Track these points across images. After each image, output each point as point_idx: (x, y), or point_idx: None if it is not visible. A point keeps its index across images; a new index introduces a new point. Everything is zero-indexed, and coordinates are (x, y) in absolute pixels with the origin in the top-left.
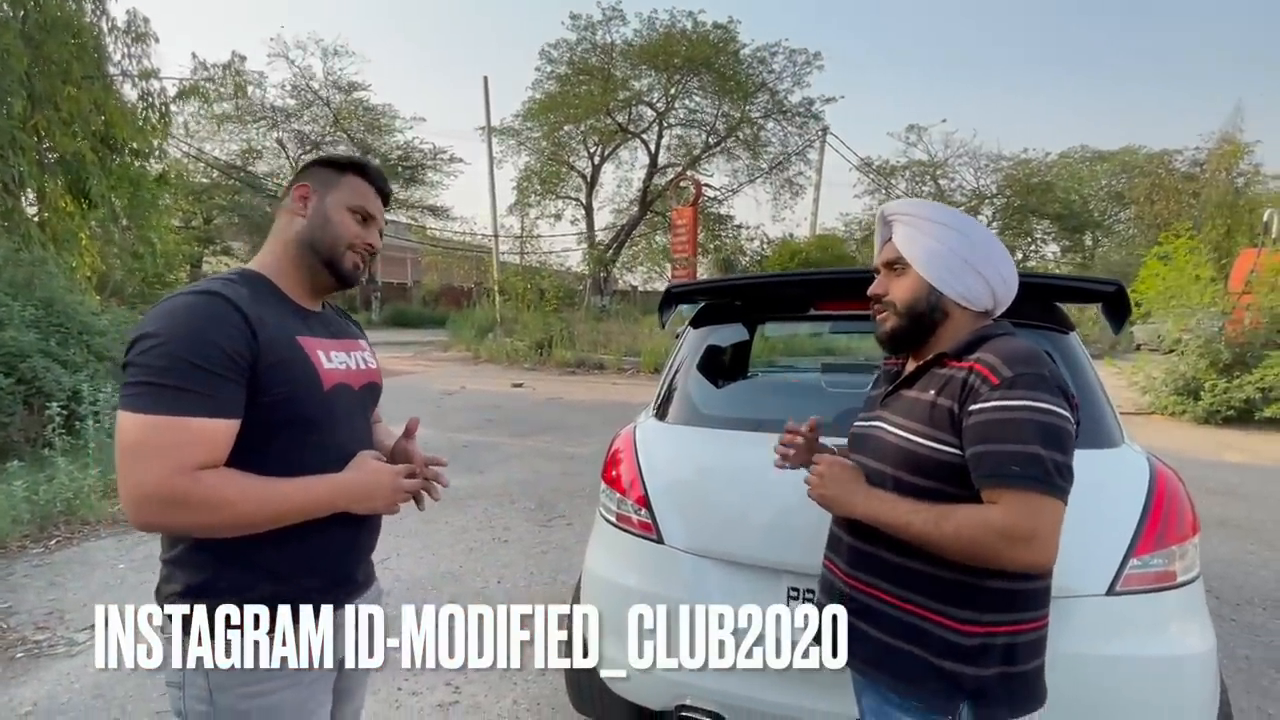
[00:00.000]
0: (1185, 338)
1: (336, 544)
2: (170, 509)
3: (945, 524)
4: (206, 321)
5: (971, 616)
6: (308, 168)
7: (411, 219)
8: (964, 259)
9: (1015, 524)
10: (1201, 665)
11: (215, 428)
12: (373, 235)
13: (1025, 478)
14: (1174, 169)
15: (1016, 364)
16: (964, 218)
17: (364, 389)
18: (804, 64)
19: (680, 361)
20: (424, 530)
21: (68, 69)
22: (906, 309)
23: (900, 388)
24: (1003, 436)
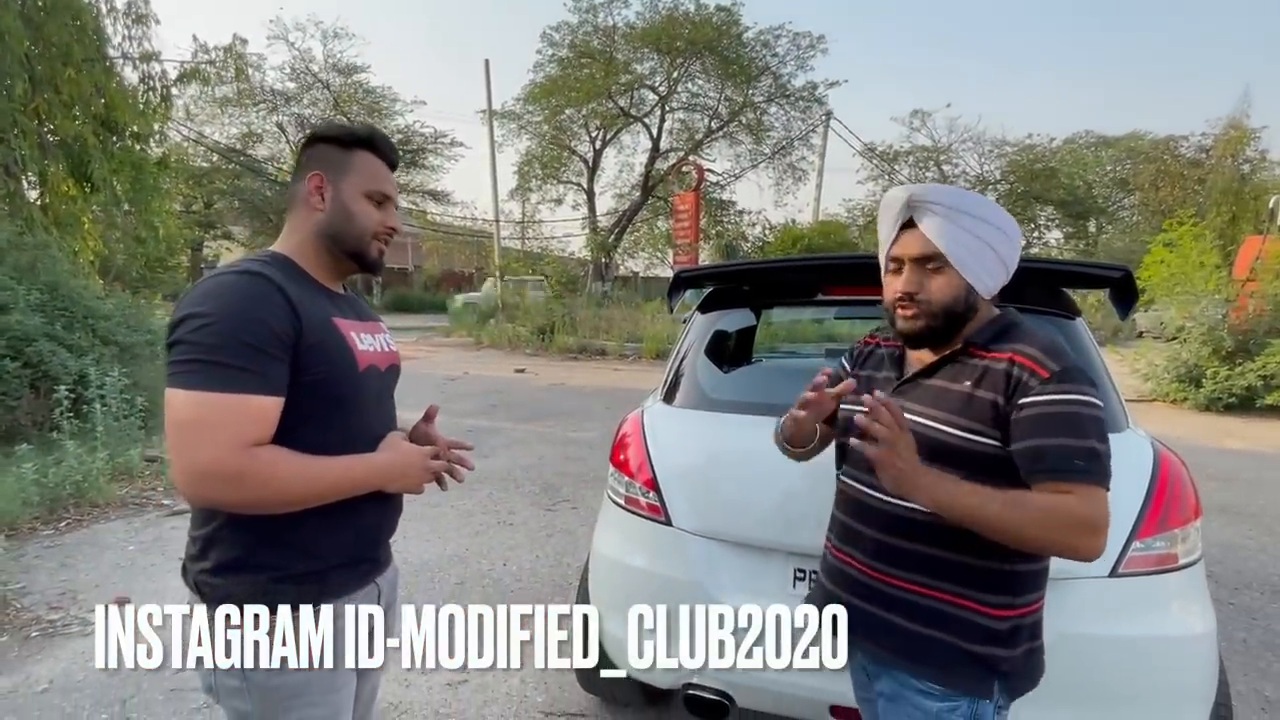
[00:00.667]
0: (1188, 325)
1: (367, 522)
2: (228, 485)
3: (1026, 509)
4: (254, 300)
5: (1005, 601)
6: (314, 144)
7: (412, 204)
8: (1000, 257)
9: (1090, 516)
10: (1202, 646)
11: (266, 405)
12: (391, 217)
13: (1089, 472)
14: (1180, 155)
15: (1058, 357)
16: (999, 211)
17: (389, 370)
18: (808, 47)
19: (688, 346)
20: (430, 514)
21: (68, 51)
22: (944, 310)
23: (919, 376)
24: (1061, 431)
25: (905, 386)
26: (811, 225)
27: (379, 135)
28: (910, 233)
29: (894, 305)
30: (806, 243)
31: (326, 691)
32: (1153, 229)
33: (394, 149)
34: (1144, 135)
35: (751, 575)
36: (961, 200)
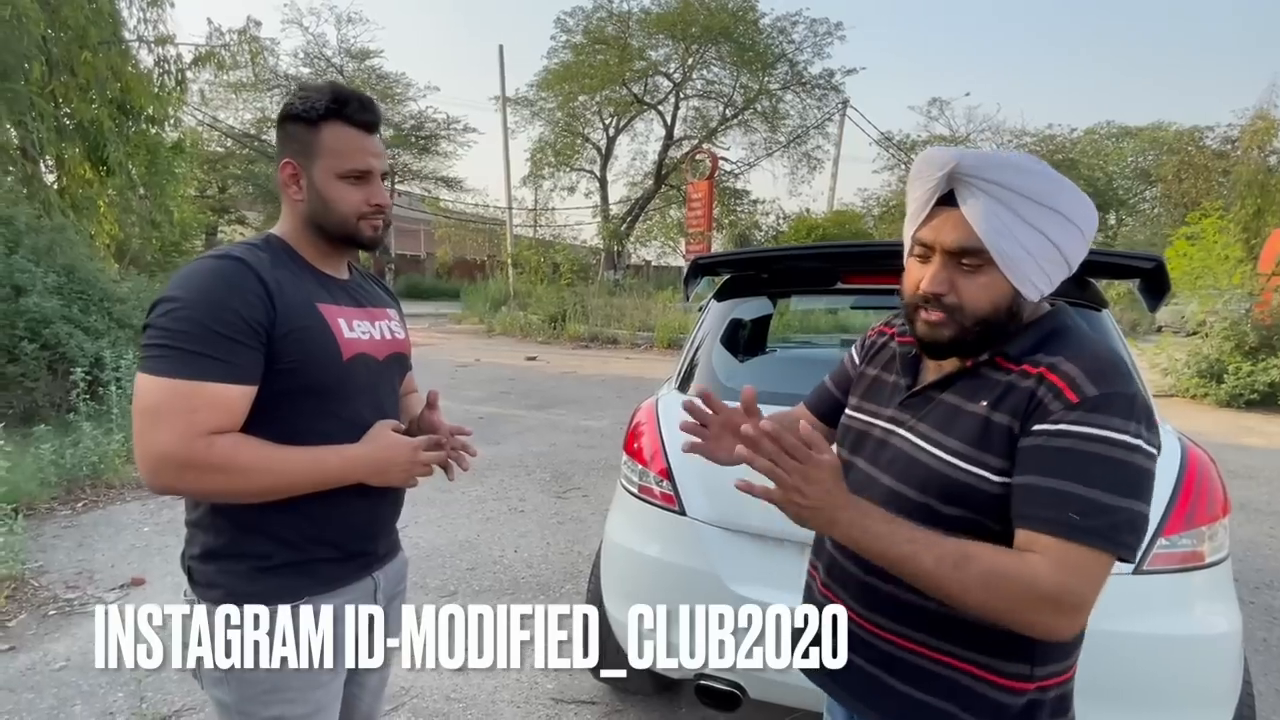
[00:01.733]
0: (1210, 319)
1: (353, 515)
2: (184, 472)
3: (968, 568)
4: (225, 287)
5: (1022, 671)
6: (282, 125)
7: (425, 190)
8: (1064, 256)
9: (1065, 589)
10: (1227, 646)
11: (231, 393)
12: (377, 192)
13: (1085, 531)
14: (1204, 146)
15: (1103, 379)
16: (1075, 196)
17: (389, 359)
18: (825, 34)
19: (703, 334)
20: (441, 499)
21: (84, 34)
22: (978, 320)
23: (932, 388)
24: (1067, 471)
25: (914, 400)
26: (826, 215)
27: (347, 97)
28: (948, 213)
29: (915, 304)
30: (821, 232)
31: (308, 688)
32: (1174, 221)
33: (368, 107)
34: (1168, 126)
35: (766, 566)
36: (1025, 180)
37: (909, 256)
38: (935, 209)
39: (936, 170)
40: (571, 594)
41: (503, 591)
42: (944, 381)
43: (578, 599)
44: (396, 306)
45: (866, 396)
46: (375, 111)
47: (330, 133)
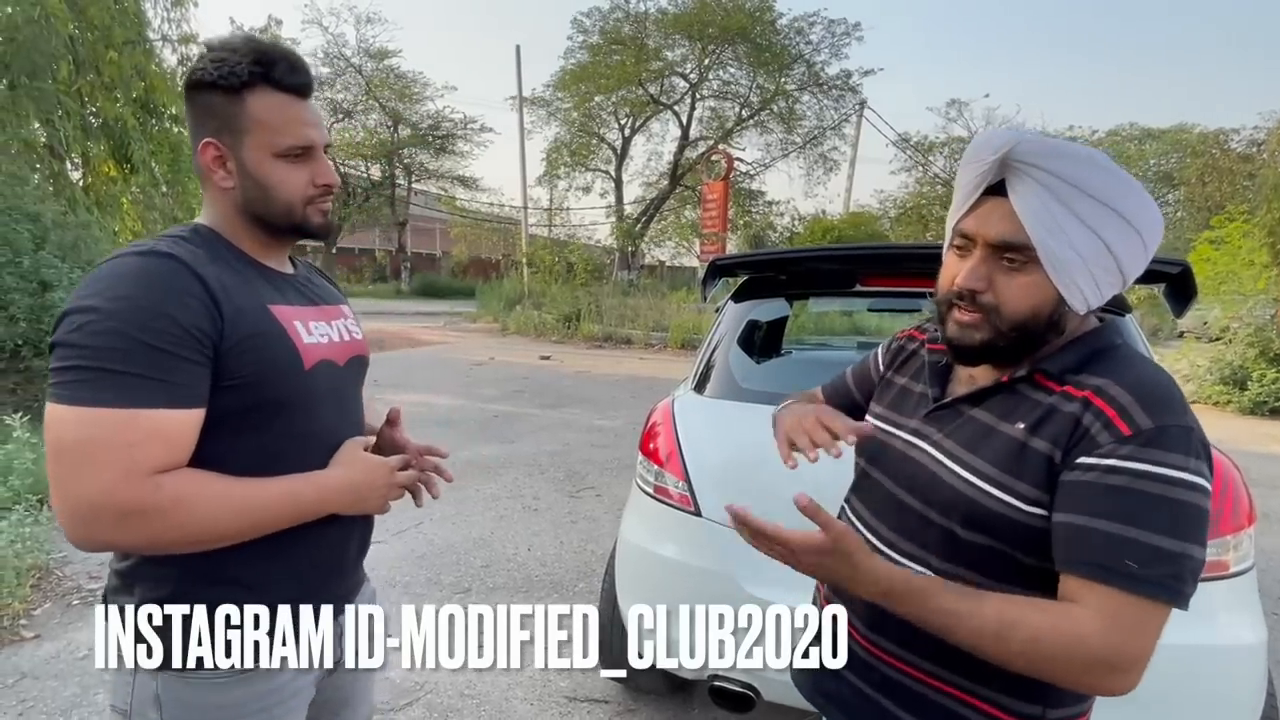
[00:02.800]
0: (1234, 325)
1: (324, 551)
2: (124, 523)
3: (1013, 634)
4: (158, 289)
5: (1034, 712)
6: (193, 96)
7: (441, 189)
8: (1119, 264)
9: (1121, 648)
10: (1251, 657)
11: (175, 420)
12: (322, 169)
13: (1146, 581)
14: (1229, 149)
15: (1158, 409)
16: (1139, 196)
17: (350, 364)
18: (843, 35)
19: (720, 336)
20: (455, 497)
21: (109, 33)
22: (1015, 325)
23: (964, 402)
24: (1123, 514)
25: (942, 413)
26: (842, 217)
27: (273, 57)
28: (995, 203)
29: (948, 300)
30: (837, 234)
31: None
32: (1197, 226)
33: (298, 68)
34: (1191, 128)
35: (781, 567)
36: (1087, 174)
37: (948, 249)
38: (983, 198)
39: (989, 154)
40: (585, 592)
41: (516, 589)
42: (976, 396)
43: (591, 598)
44: (346, 302)
45: (891, 406)
46: (307, 72)
47: (258, 103)
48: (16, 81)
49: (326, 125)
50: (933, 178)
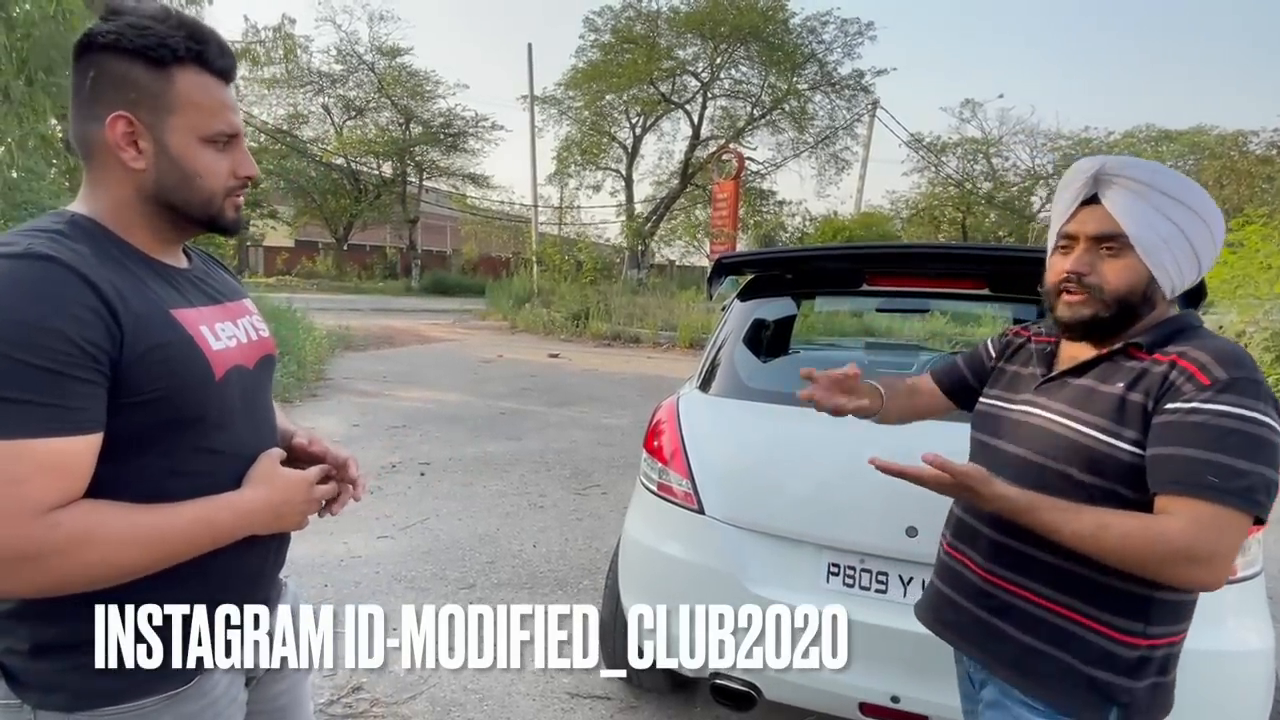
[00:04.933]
0: (1250, 329)
1: (243, 572)
2: (13, 570)
3: (1107, 534)
4: (40, 300)
5: (1138, 629)
6: (97, 60)
7: (452, 187)
8: (1194, 249)
9: (1196, 542)
10: (1257, 663)
11: (70, 449)
12: (244, 160)
13: (1222, 490)
14: (1248, 151)
15: (1232, 366)
16: (1202, 196)
17: (260, 365)
18: (855, 34)
19: (726, 334)
20: (462, 493)
21: None
22: (1117, 299)
23: (1068, 375)
24: (1203, 442)
25: (1049, 385)
26: (853, 217)
27: (206, 37)
28: (1091, 209)
29: (1058, 288)
30: (848, 234)
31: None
32: None
33: (226, 50)
34: (1210, 129)
35: (785, 567)
36: (1158, 177)
37: (1052, 253)
38: (1080, 209)
39: (1084, 174)
40: (589, 590)
41: (521, 586)
42: (1078, 369)
43: (595, 595)
44: (248, 295)
45: (1005, 388)
46: (233, 55)
47: (188, 81)
48: (33, 77)
49: (339, 123)
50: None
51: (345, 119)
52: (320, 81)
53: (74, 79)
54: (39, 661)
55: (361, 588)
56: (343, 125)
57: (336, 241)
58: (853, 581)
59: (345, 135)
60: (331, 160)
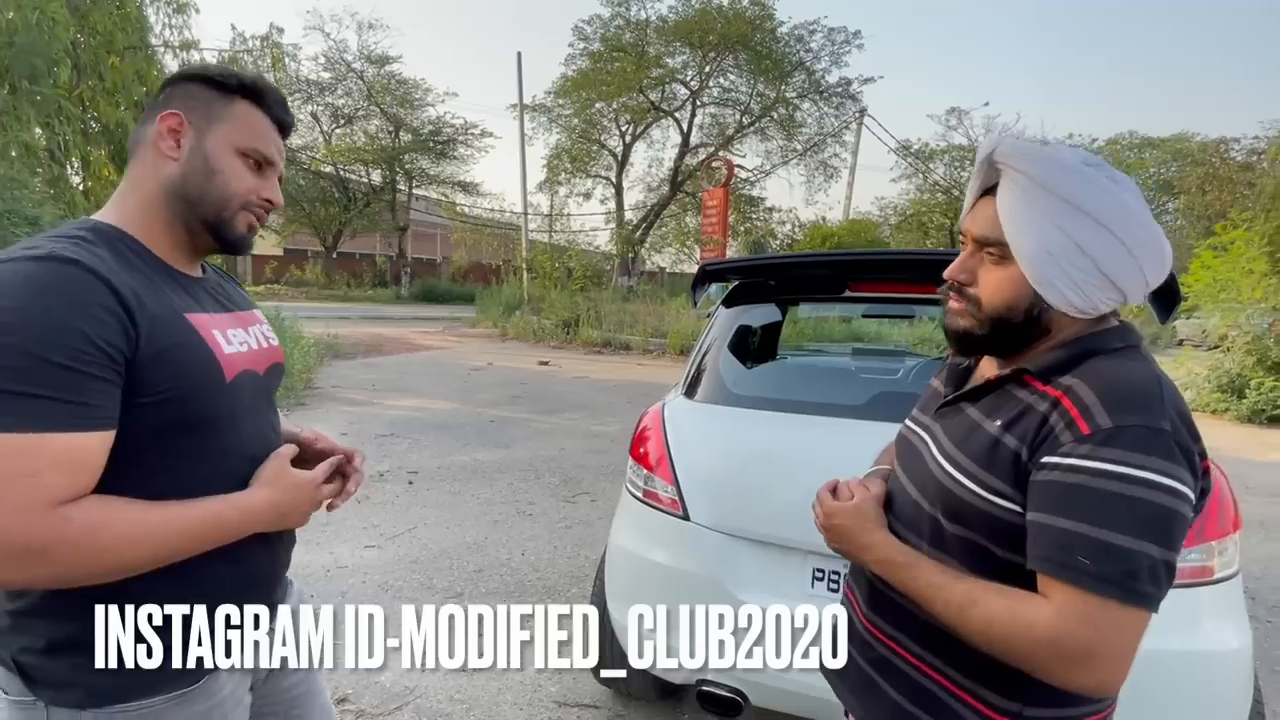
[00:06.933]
0: (1232, 333)
1: (251, 569)
2: (25, 561)
3: (973, 613)
4: (62, 301)
5: (1013, 709)
6: (178, 84)
7: (442, 195)
8: (1095, 264)
9: (1066, 634)
10: (1235, 663)
11: (84, 445)
12: (272, 187)
13: (1095, 576)
14: (1230, 159)
15: (1121, 408)
16: (1103, 190)
17: (269, 372)
18: (843, 43)
19: (711, 341)
20: (451, 501)
21: (111, 39)
22: (993, 316)
23: (964, 398)
24: (1075, 511)
25: (946, 408)
26: (842, 223)
27: (272, 88)
28: (985, 202)
29: (945, 293)
30: (836, 241)
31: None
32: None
33: (287, 109)
34: (1191, 137)
35: (770, 573)
36: (1056, 175)
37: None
38: (980, 199)
39: (981, 157)
40: (577, 597)
41: (509, 594)
42: (974, 393)
43: (583, 603)
44: (258, 308)
45: (921, 407)
46: (291, 116)
47: (244, 109)
48: (17, 85)
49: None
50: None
51: (334, 127)
52: (309, 89)
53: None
54: (53, 659)
55: (348, 598)
56: (331, 133)
57: (326, 250)
58: (837, 587)
59: (334, 143)
60: (320, 168)
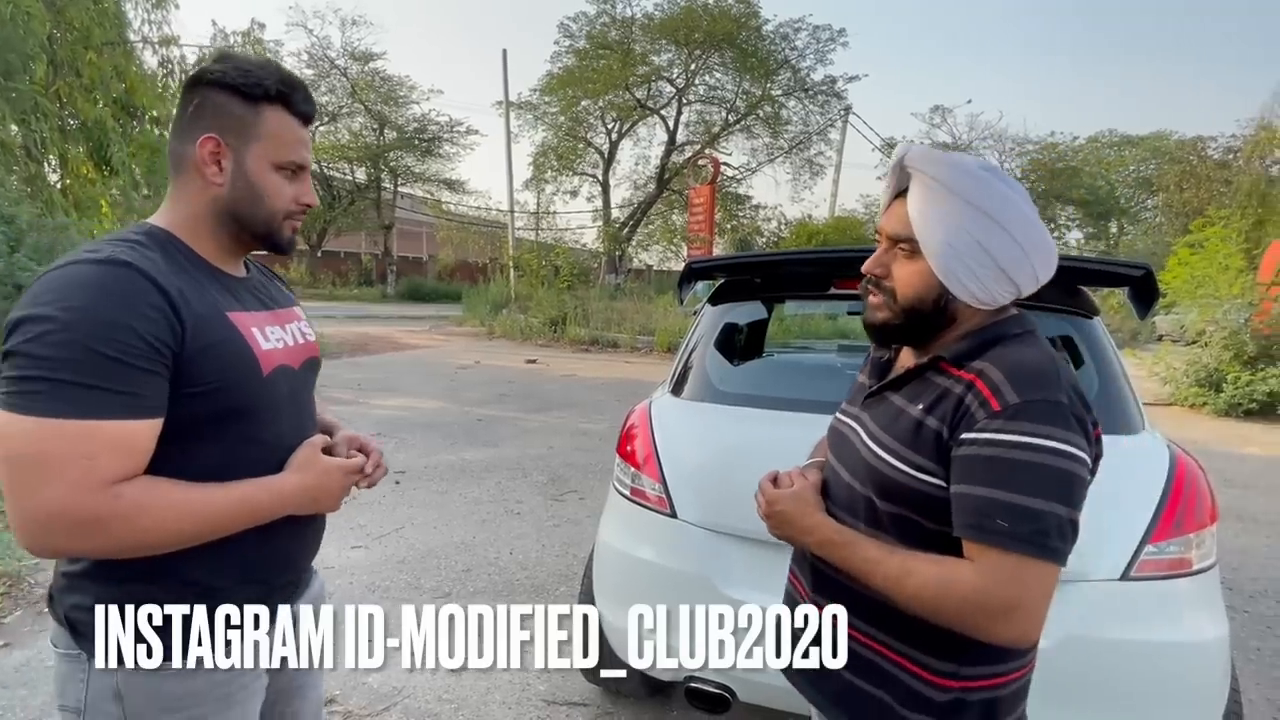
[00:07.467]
0: (1210, 329)
1: (280, 550)
2: (82, 532)
3: (908, 581)
4: (117, 300)
5: (949, 669)
6: (203, 92)
7: (427, 193)
8: (993, 258)
9: (989, 591)
10: (1213, 652)
11: (135, 431)
12: (307, 191)
13: (1011, 536)
14: (1206, 156)
15: (1025, 386)
16: (997, 192)
17: (305, 367)
18: (827, 41)
19: (697, 338)
20: (439, 501)
21: (88, 34)
22: (904, 308)
23: (888, 388)
24: (992, 480)
25: (872, 398)
26: (828, 221)
27: (295, 84)
28: (897, 203)
29: (864, 288)
30: (822, 238)
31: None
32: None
33: (310, 99)
34: (1169, 135)
35: (758, 570)
36: (953, 175)
37: None
38: (893, 200)
39: (893, 163)
40: (566, 596)
41: (497, 593)
42: (896, 382)
43: (571, 601)
44: (297, 303)
45: (849, 400)
46: (314, 103)
47: (273, 117)
48: None
49: (312, 130)
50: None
51: (317, 124)
52: None
53: (179, 105)
54: (93, 616)
55: (336, 599)
56: (315, 130)
57: (310, 248)
58: None
59: (318, 140)
60: None
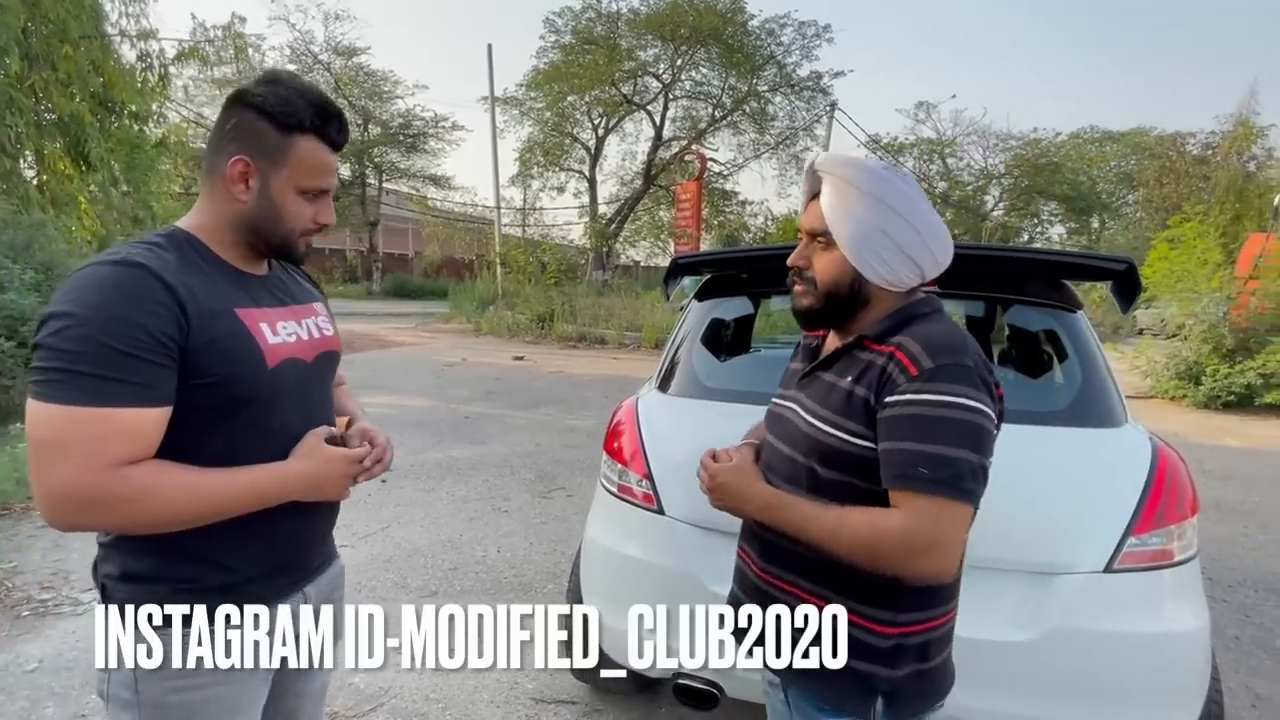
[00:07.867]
0: (1189, 322)
1: (286, 533)
2: (90, 509)
3: (841, 531)
4: (126, 298)
5: (887, 617)
6: (244, 114)
7: (413, 189)
8: (896, 244)
9: (914, 531)
10: (1194, 643)
11: (143, 418)
12: (325, 211)
13: (931, 481)
14: (1185, 152)
15: (938, 353)
16: (896, 187)
17: (319, 360)
18: (813, 36)
19: (684, 334)
20: (425, 499)
21: (65, 27)
22: (824, 293)
23: (819, 368)
24: (913, 434)
25: (806, 379)
26: None
27: (330, 115)
28: (814, 204)
29: (790, 280)
30: None
31: (226, 712)
32: (1156, 226)
33: (344, 129)
34: (1149, 131)
35: None
36: (857, 174)
37: None
38: (810, 201)
39: (807, 169)
40: (554, 594)
41: (485, 592)
42: (827, 361)
43: (559, 599)
44: (323, 299)
45: (783, 385)
46: (348, 132)
47: (304, 146)
48: None
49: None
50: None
51: None
52: None
53: (219, 117)
54: (124, 586)
55: None
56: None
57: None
58: None
59: None
60: None
